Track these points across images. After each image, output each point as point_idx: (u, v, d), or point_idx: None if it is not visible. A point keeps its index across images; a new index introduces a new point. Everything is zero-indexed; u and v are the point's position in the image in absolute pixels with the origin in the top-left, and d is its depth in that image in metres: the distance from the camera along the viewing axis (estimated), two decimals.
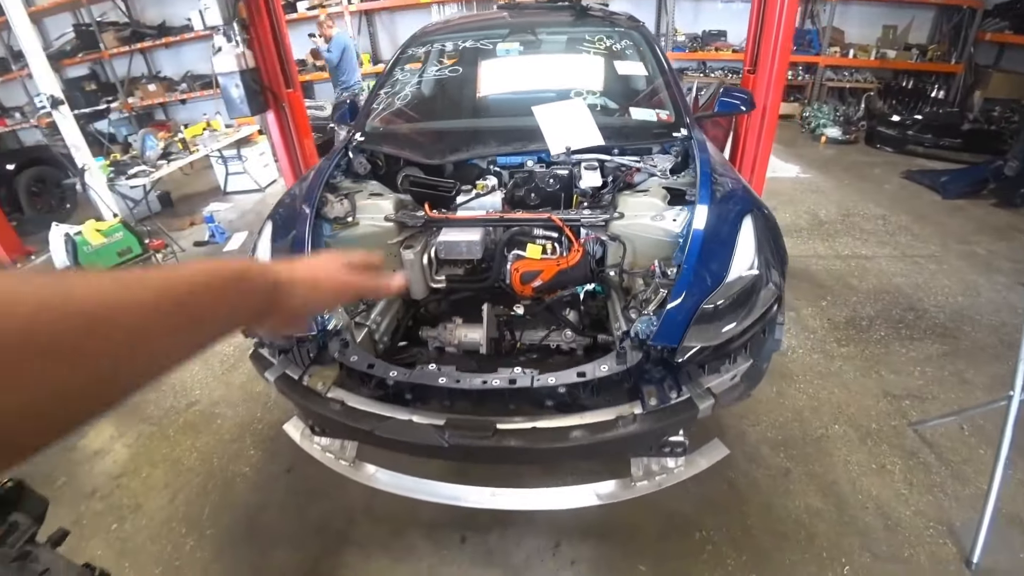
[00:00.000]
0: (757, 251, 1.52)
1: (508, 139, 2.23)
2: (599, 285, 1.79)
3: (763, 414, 2.38)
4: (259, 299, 0.52)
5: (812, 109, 7.34)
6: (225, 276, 0.47)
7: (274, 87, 3.92)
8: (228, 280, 0.47)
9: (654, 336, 1.39)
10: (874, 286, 3.41)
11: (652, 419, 1.36)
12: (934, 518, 1.94)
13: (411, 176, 2.25)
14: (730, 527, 1.91)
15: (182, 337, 0.43)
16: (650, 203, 1.82)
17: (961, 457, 2.18)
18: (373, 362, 1.54)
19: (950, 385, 2.58)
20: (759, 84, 3.16)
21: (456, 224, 1.94)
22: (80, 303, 0.34)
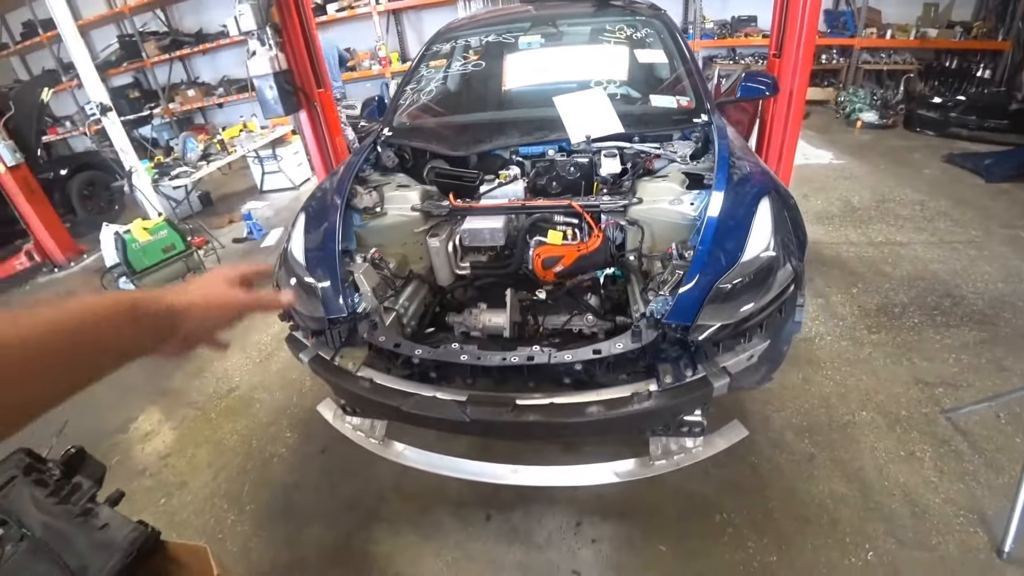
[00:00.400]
0: (773, 232, 1.53)
1: (530, 130, 2.28)
2: (619, 269, 1.82)
3: (788, 400, 2.37)
4: (155, 326, 0.56)
5: (847, 93, 7.09)
6: (119, 308, 0.51)
7: (306, 87, 4.05)
8: (121, 312, 0.51)
9: (669, 315, 1.42)
10: (908, 273, 3.32)
11: (667, 396, 1.39)
12: (965, 506, 1.90)
13: (436, 168, 2.33)
14: (752, 510, 1.92)
15: (77, 368, 0.46)
16: (668, 188, 1.84)
17: (995, 445, 2.12)
18: (400, 342, 1.62)
19: (987, 373, 2.50)
20: (785, 68, 3.11)
21: (480, 212, 2.00)
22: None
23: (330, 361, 1.75)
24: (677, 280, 1.49)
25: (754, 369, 1.57)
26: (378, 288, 1.88)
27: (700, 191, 1.78)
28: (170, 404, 2.97)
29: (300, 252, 1.94)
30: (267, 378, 3.04)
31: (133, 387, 3.09)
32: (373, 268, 1.92)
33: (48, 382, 0.43)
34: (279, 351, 3.26)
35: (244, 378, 3.08)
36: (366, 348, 1.73)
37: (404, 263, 2.11)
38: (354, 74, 8.45)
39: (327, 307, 1.72)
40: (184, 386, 3.10)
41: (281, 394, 2.88)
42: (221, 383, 3.07)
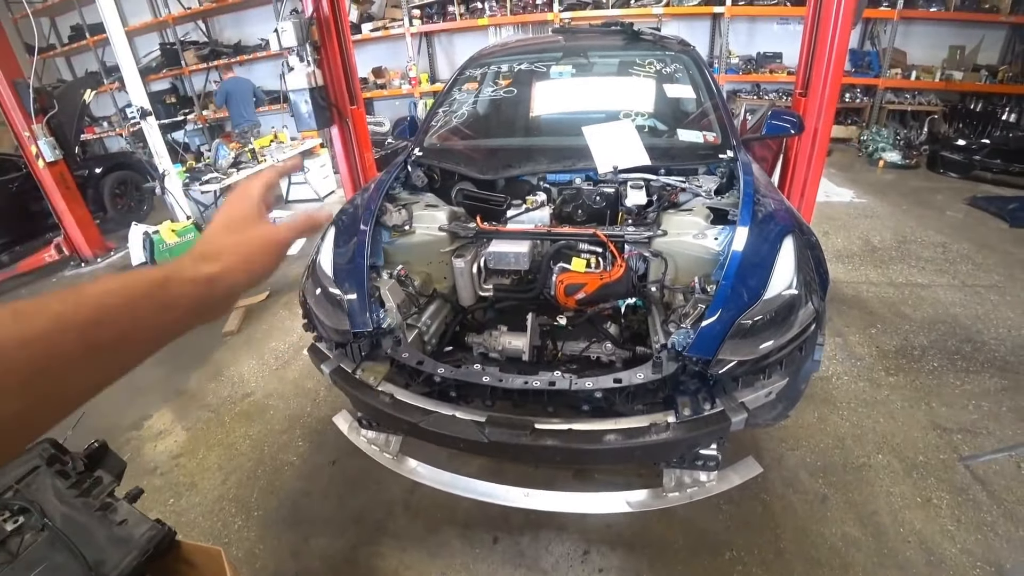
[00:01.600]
0: (796, 271, 1.55)
1: (558, 157, 2.33)
2: (640, 299, 1.85)
3: (803, 439, 2.36)
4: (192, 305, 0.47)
5: (870, 132, 7.11)
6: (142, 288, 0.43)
7: (339, 104, 4.18)
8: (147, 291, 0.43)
9: (690, 348, 1.44)
10: (929, 315, 3.29)
11: (685, 428, 1.40)
12: (982, 558, 1.87)
13: (465, 190, 2.39)
14: (762, 549, 1.90)
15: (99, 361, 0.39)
16: (693, 222, 1.87)
17: (1016, 497, 2.09)
18: (423, 359, 1.66)
19: (1007, 421, 2.47)
20: (810, 107, 3.14)
21: (505, 236, 2.05)
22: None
23: (351, 374, 1.79)
24: (699, 314, 1.51)
25: (771, 406, 1.57)
26: (402, 305, 1.93)
27: (725, 227, 1.81)
28: (185, 405, 3.02)
29: (328, 265, 1.99)
30: (282, 386, 3.08)
31: (150, 386, 3.15)
32: (399, 285, 1.97)
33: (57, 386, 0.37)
34: (296, 359, 3.31)
35: (260, 384, 3.13)
36: (388, 363, 1.76)
37: (429, 281, 2.16)
38: (384, 92, 8.67)
39: (352, 320, 1.77)
40: (200, 388, 3.16)
41: (296, 403, 2.92)
42: (237, 388, 3.12)
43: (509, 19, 7.76)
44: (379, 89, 8.66)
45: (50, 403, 0.37)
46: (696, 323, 1.48)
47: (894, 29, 7.14)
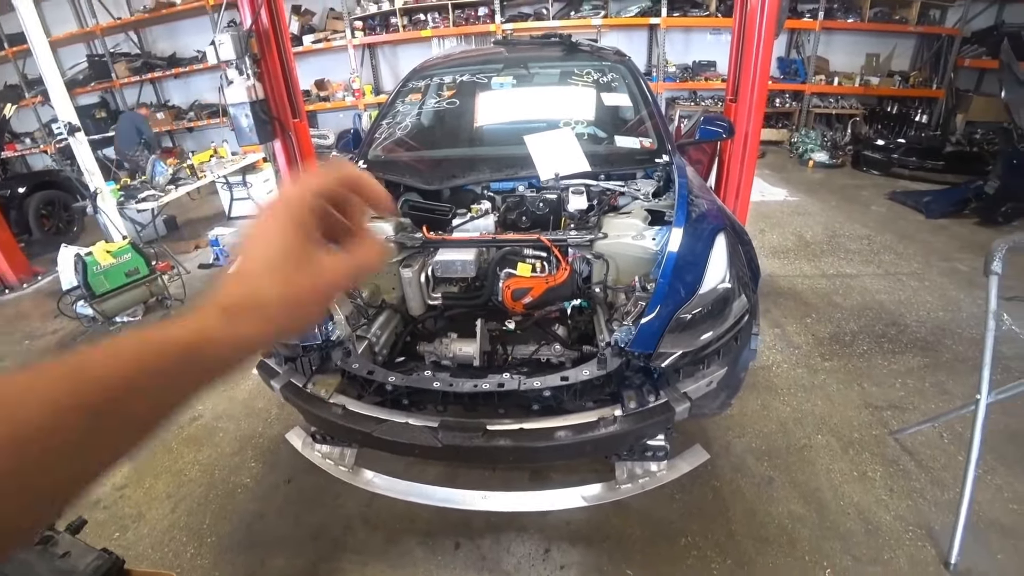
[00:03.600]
0: (729, 266, 1.64)
1: (501, 166, 2.38)
2: (585, 300, 1.90)
3: (748, 426, 2.47)
4: (225, 366, 0.38)
5: (800, 135, 7.56)
6: (173, 355, 0.35)
7: (282, 117, 4.10)
8: (178, 359, 0.35)
9: (632, 343, 1.50)
10: (858, 303, 3.52)
11: (631, 420, 1.46)
12: (914, 522, 2.01)
13: (410, 201, 2.39)
14: (715, 533, 1.98)
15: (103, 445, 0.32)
16: (632, 224, 1.95)
17: (940, 464, 2.26)
18: (373, 368, 1.65)
19: (930, 395, 2.67)
20: (740, 112, 3.33)
21: (452, 245, 2.07)
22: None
23: (302, 388, 1.76)
24: (640, 311, 1.58)
25: (713, 395, 1.66)
26: (351, 317, 1.91)
27: (661, 227, 1.90)
28: None
29: None
30: (232, 407, 2.98)
31: None
32: (347, 297, 1.95)
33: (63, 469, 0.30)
34: (246, 379, 3.20)
35: (208, 406, 3.01)
36: (339, 375, 1.75)
37: (377, 293, 2.15)
38: (327, 104, 8.55)
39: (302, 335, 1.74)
40: None
41: (246, 423, 2.82)
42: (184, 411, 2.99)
43: (452, 31, 7.82)
44: (322, 101, 8.54)
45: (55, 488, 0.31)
46: (637, 320, 1.55)
47: (816, 39, 7.62)
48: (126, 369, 0.33)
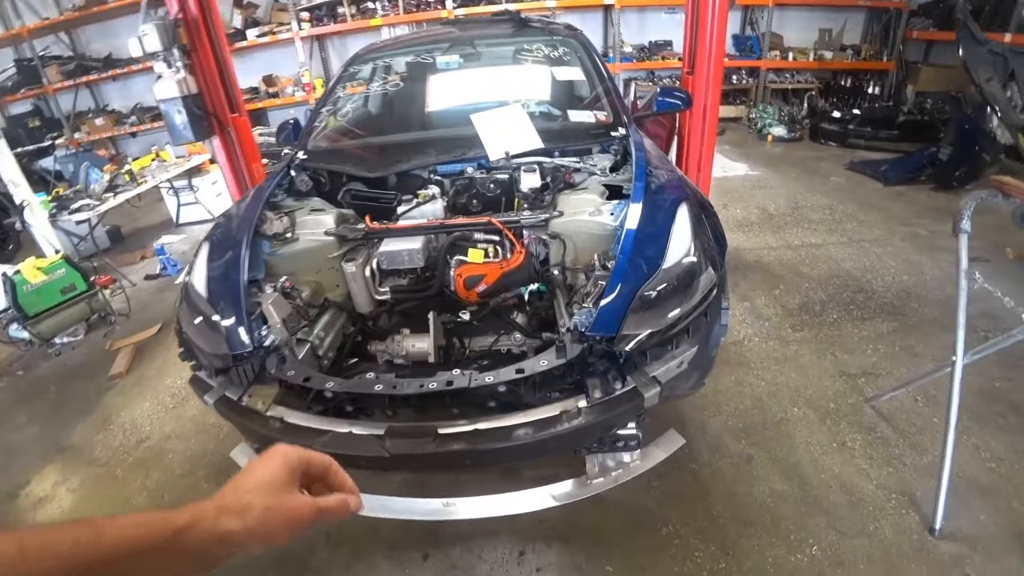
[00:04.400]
0: (693, 238, 1.53)
1: (448, 148, 2.23)
2: (543, 284, 1.77)
3: (723, 404, 2.39)
4: (201, 556, 0.45)
5: (758, 111, 7.60)
6: (163, 535, 0.41)
7: (219, 113, 3.83)
8: (166, 539, 0.41)
9: (592, 327, 1.37)
10: (824, 272, 3.50)
11: (598, 411, 1.33)
12: (896, 490, 1.96)
13: (352, 190, 2.22)
14: (696, 519, 1.89)
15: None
16: (588, 200, 1.83)
17: (917, 428, 2.22)
18: (310, 375, 1.49)
19: (901, 359, 2.64)
20: (698, 84, 3.23)
21: (397, 234, 1.91)
22: None
23: (237, 402, 1.58)
24: (600, 291, 1.45)
25: (685, 376, 1.55)
26: (290, 319, 1.74)
27: (620, 202, 1.78)
28: (69, 462, 2.63)
29: (202, 284, 1.77)
30: (181, 426, 2.76)
31: (26, 446, 2.74)
32: (284, 298, 1.78)
33: None
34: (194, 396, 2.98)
35: (156, 427, 2.79)
36: (277, 385, 1.58)
37: (319, 291, 1.98)
38: (277, 101, 8.19)
39: (231, 342, 1.57)
40: (86, 441, 2.77)
41: (196, 442, 2.62)
42: (129, 435, 2.76)
43: (402, 18, 7.55)
44: (272, 98, 8.18)
45: None
46: (598, 301, 1.43)
47: (770, 15, 7.64)
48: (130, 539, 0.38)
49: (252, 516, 0.48)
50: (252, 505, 0.48)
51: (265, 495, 0.50)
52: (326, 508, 0.54)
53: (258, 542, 0.49)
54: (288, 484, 0.52)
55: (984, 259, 3.54)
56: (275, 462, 0.54)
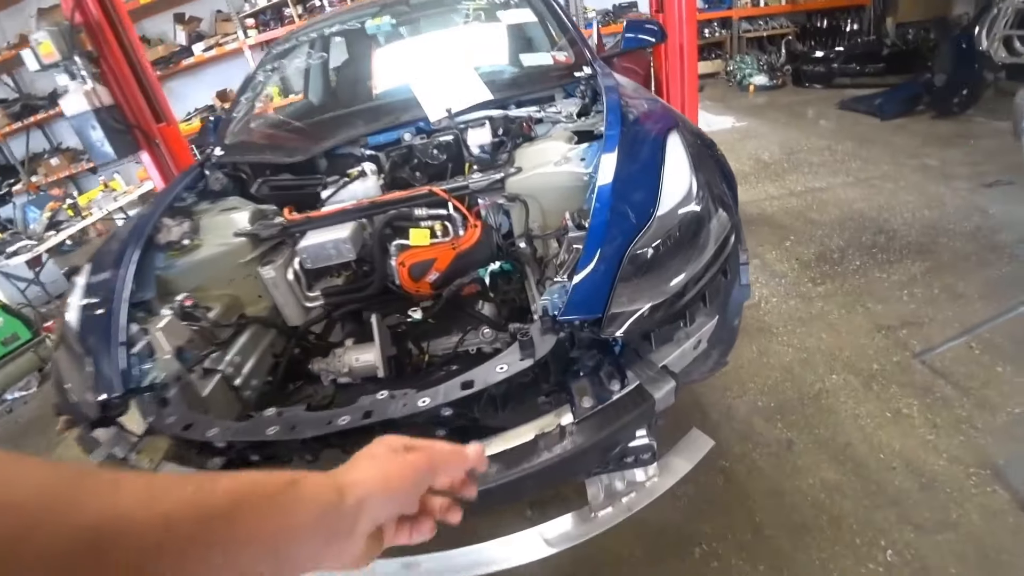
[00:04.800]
0: (693, 171, 1.14)
1: (380, 116, 1.84)
2: (507, 262, 1.38)
3: (747, 381, 2.01)
4: (319, 507, 0.40)
5: (735, 62, 7.24)
6: (274, 485, 0.39)
7: (142, 124, 3.42)
8: (278, 489, 0.39)
9: (567, 308, 0.98)
10: (836, 216, 3.13)
11: (590, 428, 0.94)
12: (973, 462, 1.59)
13: (271, 180, 1.83)
14: (735, 531, 1.51)
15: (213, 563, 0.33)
16: (552, 148, 1.43)
17: (980, 381, 1.85)
18: (192, 421, 1.09)
19: (943, 303, 2.27)
20: (669, 20, 2.83)
21: (320, 223, 1.52)
22: (88, 514, 0.28)
23: (124, 460, 1.19)
24: (576, 258, 1.06)
25: (703, 357, 1.17)
26: (191, 346, 1.35)
27: (592, 143, 1.39)
28: None
29: (75, 316, 1.38)
30: None
31: None
32: (182, 321, 1.38)
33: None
34: None
35: None
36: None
37: (235, 307, 1.58)
38: None
39: (99, 385, 1.18)
40: None
41: None
42: None
43: None
44: None
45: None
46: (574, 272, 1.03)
47: None
48: (245, 489, 0.37)
49: (362, 470, 0.46)
50: (360, 466, 0.46)
51: (376, 458, 0.48)
52: (440, 451, 0.51)
53: (376, 486, 0.45)
54: (397, 450, 0.49)
55: (1007, 182, 3.27)
56: (376, 446, 0.50)
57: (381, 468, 0.46)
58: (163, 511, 0.31)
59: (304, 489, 0.40)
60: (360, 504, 0.43)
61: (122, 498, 0.30)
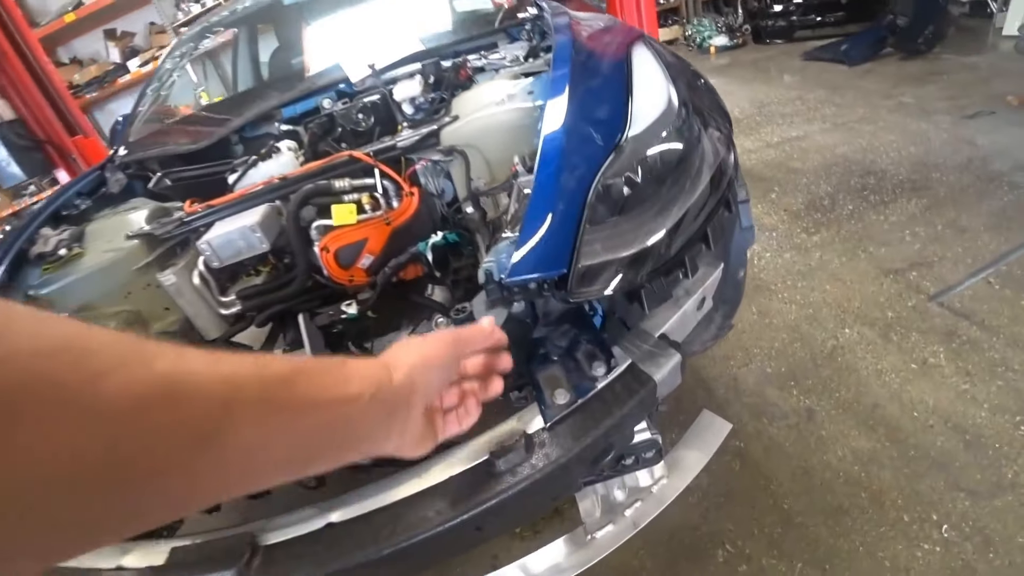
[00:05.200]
0: (670, 80, 0.89)
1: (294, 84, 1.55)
2: (452, 232, 1.11)
3: (751, 346, 1.78)
4: (369, 382, 0.41)
5: (693, 26, 7.07)
6: (324, 364, 0.39)
7: (54, 138, 3.08)
8: (328, 366, 0.39)
9: (516, 266, 0.72)
10: (819, 163, 2.93)
11: (568, 433, 0.66)
12: (1018, 409, 1.39)
13: (172, 172, 1.54)
14: (763, 525, 1.28)
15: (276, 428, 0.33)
16: (493, 88, 1.17)
17: (1007, 318, 1.65)
18: None
19: (950, 239, 2.07)
20: None
21: (224, 212, 1.23)
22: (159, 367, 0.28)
23: None
24: (527, 204, 0.80)
25: (706, 321, 0.92)
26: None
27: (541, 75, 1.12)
28: None
29: None
30: None
31: None
32: None
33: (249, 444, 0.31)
34: None
35: None
36: None
37: (135, 324, 1.29)
38: None
39: None
40: None
41: None
42: None
43: None
44: None
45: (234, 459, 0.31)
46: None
47: None
48: (299, 363, 0.37)
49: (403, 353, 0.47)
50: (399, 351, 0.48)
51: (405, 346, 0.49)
52: (460, 329, 0.55)
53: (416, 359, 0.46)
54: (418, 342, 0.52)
55: (988, 112, 3.11)
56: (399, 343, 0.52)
57: (416, 350, 0.48)
58: (228, 372, 0.31)
59: (355, 366, 0.41)
60: (410, 379, 0.44)
61: (188, 359, 0.30)
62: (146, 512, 0.28)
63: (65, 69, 6.22)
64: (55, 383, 0.23)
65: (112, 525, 0.27)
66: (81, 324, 0.27)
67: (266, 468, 0.34)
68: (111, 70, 7.51)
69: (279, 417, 0.33)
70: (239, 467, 0.32)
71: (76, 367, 0.24)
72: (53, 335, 0.25)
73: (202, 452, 0.29)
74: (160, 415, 0.27)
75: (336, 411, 0.38)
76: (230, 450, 0.30)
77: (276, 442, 0.34)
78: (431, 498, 0.64)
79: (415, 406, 0.45)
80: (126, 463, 0.26)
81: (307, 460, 0.37)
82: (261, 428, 0.32)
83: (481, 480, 0.64)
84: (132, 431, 0.26)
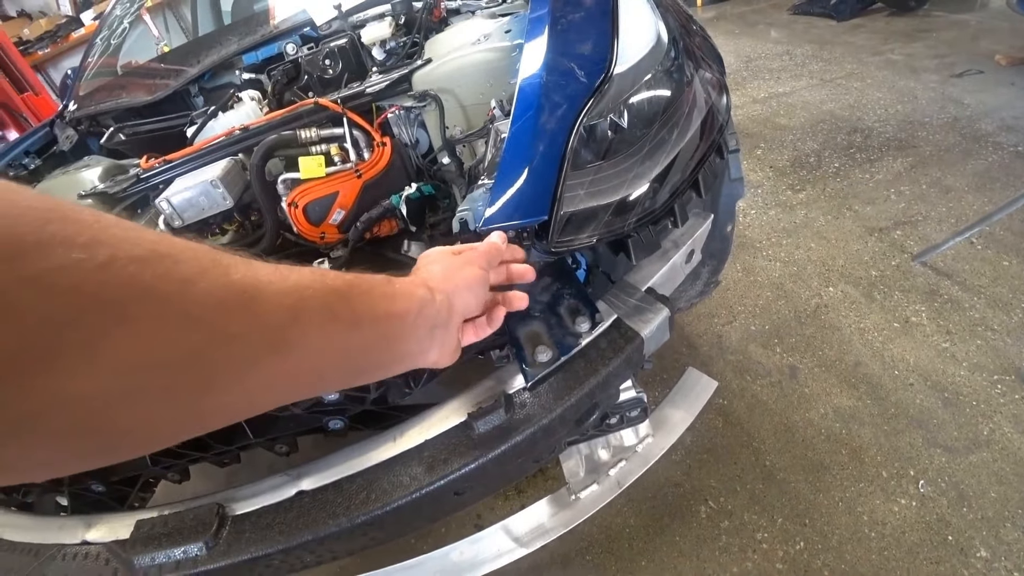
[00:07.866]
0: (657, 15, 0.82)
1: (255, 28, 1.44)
2: (428, 184, 1.05)
3: (735, 304, 1.77)
4: (409, 287, 0.44)
5: None
6: (370, 280, 0.41)
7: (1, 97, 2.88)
8: (379, 281, 0.42)
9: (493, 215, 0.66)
10: (806, 119, 2.88)
11: (552, 393, 0.63)
12: (995, 368, 1.40)
13: (127, 127, 1.43)
14: (745, 481, 1.29)
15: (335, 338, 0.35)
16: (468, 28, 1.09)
17: (988, 278, 1.65)
18: None
19: (934, 198, 2.06)
20: None
21: (183, 167, 1.15)
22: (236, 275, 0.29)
23: None
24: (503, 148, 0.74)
25: (693, 276, 0.88)
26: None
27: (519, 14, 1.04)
28: None
29: None
30: None
31: None
32: None
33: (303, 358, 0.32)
34: None
35: None
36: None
37: None
38: None
39: None
40: None
41: None
42: None
43: None
44: None
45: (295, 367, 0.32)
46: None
47: None
48: (350, 278, 0.39)
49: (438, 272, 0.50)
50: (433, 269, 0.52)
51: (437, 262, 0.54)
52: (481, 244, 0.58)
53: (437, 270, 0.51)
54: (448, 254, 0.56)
55: (976, 71, 3.07)
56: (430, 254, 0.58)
57: (449, 268, 0.51)
58: (294, 282, 0.32)
59: (401, 285, 0.43)
60: (449, 300, 0.47)
61: (257, 269, 0.31)
62: (211, 416, 0.29)
63: (12, 24, 5.81)
64: (151, 288, 0.24)
65: (178, 429, 0.28)
66: (163, 233, 0.28)
67: (323, 376, 0.35)
68: (63, 24, 7.06)
69: (337, 327, 0.35)
70: (302, 374, 0.33)
71: (168, 274, 0.25)
72: (145, 242, 0.25)
73: (274, 356, 0.30)
74: (239, 321, 0.28)
75: (386, 326, 0.40)
76: (296, 357, 0.31)
77: (335, 351, 0.35)
78: (407, 463, 0.60)
79: (453, 324, 0.48)
80: (210, 365, 0.27)
81: (359, 370, 0.39)
82: (323, 337, 0.33)
83: (459, 443, 0.61)
84: (215, 336, 0.27)
